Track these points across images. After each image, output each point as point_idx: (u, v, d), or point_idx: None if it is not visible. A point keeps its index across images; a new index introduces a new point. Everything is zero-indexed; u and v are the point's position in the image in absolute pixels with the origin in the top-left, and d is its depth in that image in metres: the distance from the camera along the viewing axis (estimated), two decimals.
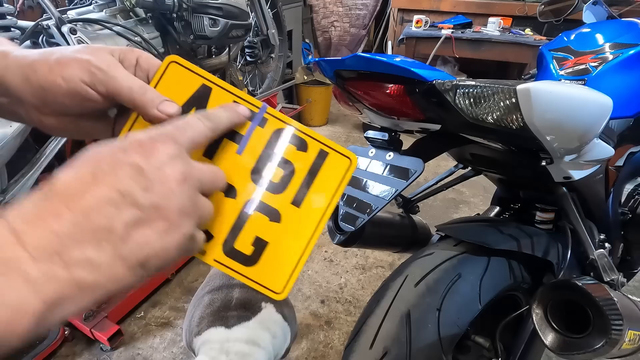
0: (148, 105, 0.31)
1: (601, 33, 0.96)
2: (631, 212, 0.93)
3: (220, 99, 0.34)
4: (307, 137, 0.35)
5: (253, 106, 0.34)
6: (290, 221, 0.35)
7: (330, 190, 0.35)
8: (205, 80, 0.34)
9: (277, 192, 0.34)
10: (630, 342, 0.52)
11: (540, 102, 0.50)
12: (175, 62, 0.34)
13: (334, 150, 0.35)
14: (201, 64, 1.74)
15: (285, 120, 0.35)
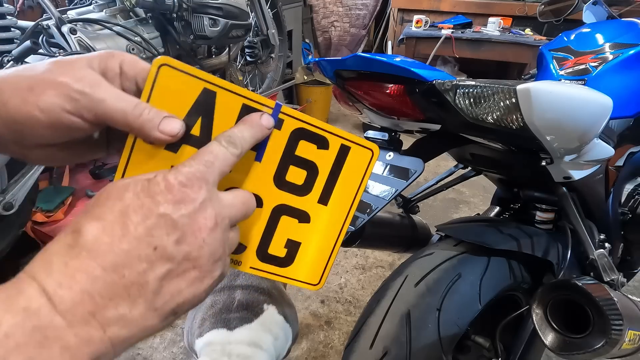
0: (147, 128, 0.26)
1: (601, 33, 0.96)
2: (631, 212, 0.93)
3: (228, 103, 0.30)
4: (326, 134, 0.33)
5: (266, 107, 0.31)
6: (319, 219, 0.35)
7: (355, 183, 0.35)
8: (207, 83, 0.29)
9: (303, 194, 0.34)
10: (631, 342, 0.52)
11: (540, 102, 0.50)
12: (166, 64, 0.27)
13: (355, 143, 0.34)
14: (201, 64, 1.74)
15: (302, 119, 0.32)
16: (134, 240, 0.22)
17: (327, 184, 0.34)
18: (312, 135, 0.32)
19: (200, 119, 0.29)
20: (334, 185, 0.34)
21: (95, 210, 0.23)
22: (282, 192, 0.33)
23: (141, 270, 0.22)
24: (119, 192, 0.24)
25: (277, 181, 0.33)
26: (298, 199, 0.34)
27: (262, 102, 0.31)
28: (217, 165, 0.27)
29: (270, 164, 0.32)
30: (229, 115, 0.30)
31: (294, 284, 0.36)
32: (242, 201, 0.29)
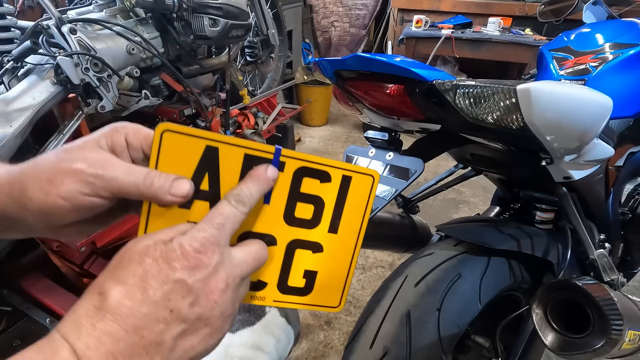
0: (159, 194, 0.29)
1: (601, 33, 0.96)
2: (631, 212, 0.93)
3: (231, 156, 0.31)
4: (327, 168, 0.35)
5: (267, 153, 0.32)
6: (332, 247, 0.37)
7: (361, 209, 0.37)
8: (208, 141, 0.30)
9: (313, 227, 0.36)
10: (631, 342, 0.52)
11: (540, 102, 0.50)
12: (168, 130, 0.29)
13: (355, 172, 0.36)
14: (201, 63, 1.74)
15: (302, 158, 0.34)
16: (152, 304, 0.25)
17: (334, 214, 0.36)
18: (313, 171, 0.34)
19: (207, 175, 0.31)
20: (341, 214, 0.36)
21: (118, 272, 0.26)
22: (293, 228, 0.35)
23: (158, 331, 0.25)
24: (140, 256, 0.26)
25: (287, 219, 0.35)
26: (309, 231, 0.36)
27: (263, 149, 0.32)
28: (228, 226, 0.29)
29: (279, 204, 0.34)
30: (233, 167, 0.32)
31: (317, 309, 0.38)
32: (254, 256, 0.31)
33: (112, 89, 1.32)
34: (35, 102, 1.18)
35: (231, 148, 0.31)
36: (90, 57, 1.22)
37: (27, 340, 1.28)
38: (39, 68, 1.23)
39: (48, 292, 1.41)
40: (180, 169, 0.30)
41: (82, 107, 1.30)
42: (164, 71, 1.58)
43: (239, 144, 0.32)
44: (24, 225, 0.30)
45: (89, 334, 0.24)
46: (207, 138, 0.31)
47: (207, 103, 1.75)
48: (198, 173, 0.31)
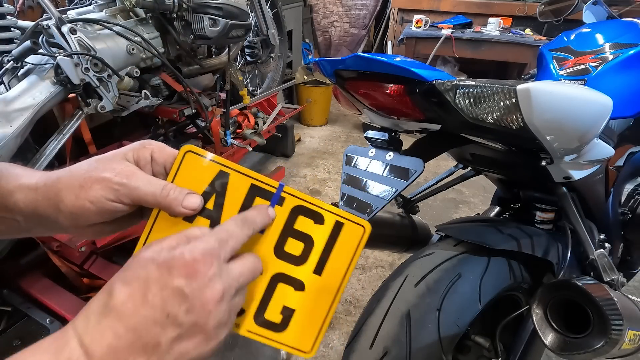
0: (173, 205, 0.33)
1: (601, 33, 0.96)
2: (631, 212, 0.93)
3: (239, 183, 0.36)
4: (323, 211, 0.37)
5: (271, 187, 0.36)
6: (314, 288, 0.38)
7: (348, 257, 0.38)
8: (222, 166, 0.35)
9: (300, 264, 0.37)
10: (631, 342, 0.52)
11: (540, 102, 0.50)
12: (191, 151, 0.35)
13: (348, 220, 0.38)
14: (201, 63, 1.74)
15: (301, 197, 0.37)
16: (151, 307, 0.27)
17: (322, 256, 0.38)
18: (309, 211, 0.37)
19: (214, 196, 0.35)
20: (328, 257, 0.38)
21: (127, 274, 0.29)
22: (281, 262, 0.37)
23: (155, 333, 0.27)
24: (146, 261, 0.29)
25: (277, 251, 0.37)
26: (295, 268, 0.37)
27: (268, 182, 0.36)
28: (231, 244, 0.31)
29: (272, 236, 0.37)
30: (238, 193, 0.36)
31: (287, 350, 0.37)
32: (250, 268, 0.33)
33: (112, 89, 1.32)
34: (35, 102, 1.18)
35: (240, 176, 0.36)
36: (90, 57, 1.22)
37: (27, 340, 1.27)
38: (39, 68, 1.23)
39: (48, 292, 1.41)
40: (193, 186, 0.35)
41: (82, 107, 1.30)
42: (164, 71, 1.58)
43: (248, 174, 0.36)
44: (54, 223, 0.35)
45: (95, 328, 0.27)
46: (222, 164, 0.35)
47: (207, 103, 1.75)
48: (207, 193, 0.35)
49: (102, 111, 1.32)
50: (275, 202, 0.36)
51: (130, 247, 1.58)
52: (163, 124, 1.92)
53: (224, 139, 1.88)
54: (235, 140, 1.97)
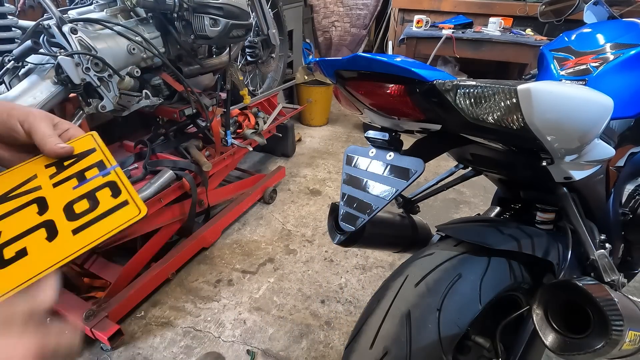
0: (49, 143, 0.43)
1: (602, 33, 0.96)
2: (632, 213, 0.92)
3: (94, 156, 0.47)
4: (123, 188, 0.44)
5: (108, 162, 0.46)
6: (59, 243, 0.40)
7: (108, 229, 0.42)
8: (97, 146, 0.47)
9: (71, 220, 0.42)
10: (631, 342, 0.52)
11: (541, 102, 0.50)
12: (92, 134, 0.48)
13: (133, 201, 0.44)
14: (202, 63, 1.74)
15: (120, 177, 0.45)
16: None
17: (90, 221, 0.42)
18: (114, 185, 0.44)
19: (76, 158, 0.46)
20: (94, 223, 0.42)
21: None
22: (62, 214, 0.42)
23: None
24: None
25: (67, 206, 0.43)
26: (65, 221, 0.41)
27: (109, 158, 0.47)
28: None
29: (77, 193, 0.44)
30: (87, 161, 0.47)
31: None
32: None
33: (113, 89, 1.32)
34: (36, 102, 1.18)
35: (99, 153, 0.47)
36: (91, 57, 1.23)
37: None
38: (40, 68, 1.23)
39: None
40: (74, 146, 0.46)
41: (83, 106, 1.30)
42: (164, 71, 1.58)
43: (105, 153, 0.48)
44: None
45: None
46: (100, 146, 0.47)
47: (208, 103, 1.75)
48: (75, 155, 0.46)
49: (103, 111, 1.32)
50: (102, 173, 0.45)
51: (130, 247, 1.59)
52: (163, 124, 1.92)
53: (225, 138, 1.88)
54: (236, 140, 1.97)
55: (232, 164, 2.04)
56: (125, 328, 1.44)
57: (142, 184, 1.52)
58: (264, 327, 1.47)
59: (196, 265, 1.78)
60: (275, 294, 1.63)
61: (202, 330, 1.46)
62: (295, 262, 1.81)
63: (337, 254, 1.86)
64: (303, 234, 2.01)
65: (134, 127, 2.06)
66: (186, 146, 1.79)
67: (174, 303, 1.58)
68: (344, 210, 0.71)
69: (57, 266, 0.40)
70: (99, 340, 1.33)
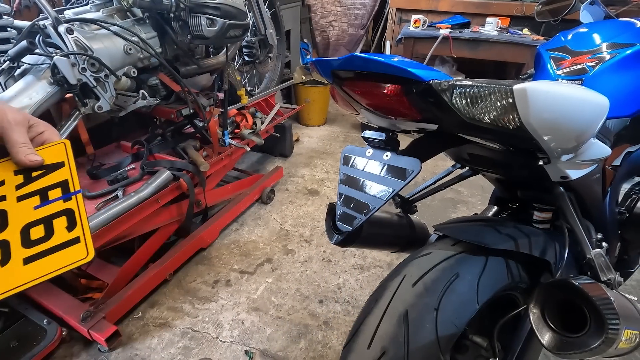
0: (20, 152, 0.44)
1: (598, 33, 0.96)
2: (628, 212, 0.93)
3: (62, 173, 0.48)
4: (79, 221, 0.46)
5: (72, 185, 0.48)
6: (9, 271, 0.42)
7: (54, 267, 0.43)
8: (66, 160, 0.49)
9: (25, 246, 0.43)
10: (627, 341, 0.52)
11: (537, 102, 0.50)
12: (63, 143, 0.50)
13: (84, 240, 0.45)
14: (199, 64, 1.73)
15: (80, 210, 0.47)
16: None
17: (43, 252, 0.43)
18: (73, 217, 0.46)
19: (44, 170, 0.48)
20: (45, 255, 0.43)
21: None
22: (18, 235, 0.43)
23: None
24: None
25: (24, 229, 0.44)
26: (19, 247, 0.43)
27: (75, 182, 0.48)
28: None
29: (36, 215, 0.45)
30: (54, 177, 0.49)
31: None
32: None
33: (110, 89, 1.32)
34: (32, 102, 1.17)
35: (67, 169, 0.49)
36: (87, 57, 1.22)
37: (24, 341, 1.27)
38: (36, 68, 1.23)
39: (45, 293, 1.41)
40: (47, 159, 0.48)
41: (79, 107, 1.30)
42: (161, 71, 1.58)
43: (73, 174, 0.50)
44: None
45: None
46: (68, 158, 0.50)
47: (205, 103, 1.74)
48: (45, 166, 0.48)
49: (100, 111, 1.32)
50: (63, 197, 0.46)
51: (128, 247, 1.58)
52: (161, 124, 1.92)
53: (222, 139, 1.87)
54: (233, 140, 1.97)
55: (230, 164, 2.04)
56: (122, 329, 1.43)
57: (139, 185, 1.52)
58: (262, 327, 1.47)
59: (194, 266, 1.78)
60: (273, 294, 1.62)
61: (200, 331, 1.45)
62: (293, 262, 1.81)
63: (335, 254, 1.86)
64: (301, 234, 2.01)
65: (131, 127, 2.05)
66: (184, 146, 1.79)
67: (171, 304, 1.57)
68: (342, 211, 0.71)
69: (4, 295, 0.41)
70: (96, 342, 1.33)
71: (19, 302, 1.40)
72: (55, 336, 1.29)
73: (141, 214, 1.46)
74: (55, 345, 1.29)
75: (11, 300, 1.40)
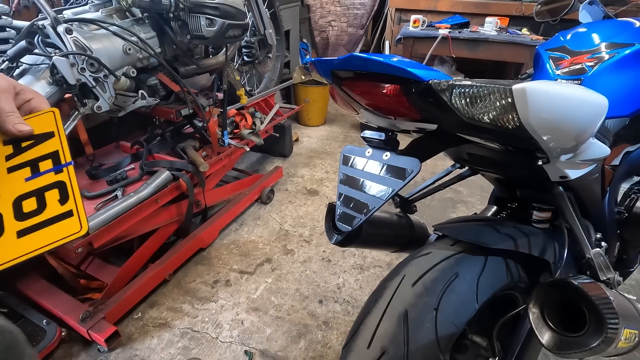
0: (7, 122, 0.43)
1: (597, 33, 0.96)
2: (627, 211, 0.93)
3: (52, 143, 0.47)
4: (71, 194, 0.45)
5: (63, 156, 0.47)
6: (3, 243, 0.42)
7: (49, 240, 0.43)
8: (56, 129, 0.47)
9: (18, 219, 0.43)
10: (626, 340, 0.52)
11: (536, 101, 0.50)
12: (52, 112, 0.48)
13: (78, 215, 0.45)
14: (198, 64, 1.73)
15: (71, 178, 0.46)
16: None
17: (36, 225, 0.43)
18: (65, 189, 0.46)
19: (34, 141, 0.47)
20: (38, 229, 0.43)
21: None
22: (10, 208, 0.43)
23: None
24: None
25: (16, 201, 0.44)
26: (12, 219, 0.43)
27: (66, 154, 0.48)
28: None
29: (28, 186, 0.44)
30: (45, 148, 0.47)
31: None
32: None
33: (109, 89, 1.31)
34: None
35: (57, 140, 0.48)
36: (86, 57, 1.22)
37: None
38: (35, 68, 1.23)
39: (44, 294, 1.41)
40: (36, 127, 0.47)
41: (79, 107, 1.30)
42: (160, 71, 1.58)
43: (63, 144, 0.48)
44: None
45: None
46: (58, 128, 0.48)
47: (205, 103, 1.74)
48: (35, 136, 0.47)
49: (99, 111, 1.31)
50: (55, 169, 0.45)
51: (127, 248, 1.58)
52: (160, 124, 1.92)
53: (222, 139, 1.87)
54: (233, 140, 1.97)
55: (229, 165, 2.04)
56: (122, 329, 1.43)
57: (138, 185, 1.52)
58: (261, 327, 1.47)
59: (193, 266, 1.78)
60: (273, 294, 1.62)
61: (199, 331, 1.45)
62: (293, 262, 1.81)
63: (335, 254, 1.86)
64: (301, 234, 2.01)
65: (131, 127, 2.05)
66: (183, 147, 1.79)
67: (171, 304, 1.57)
68: (341, 210, 0.71)
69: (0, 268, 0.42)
70: (95, 342, 1.33)
71: (18, 302, 1.40)
72: (55, 336, 1.29)
73: (140, 214, 1.46)
74: (54, 345, 1.29)
75: (10, 301, 1.40)
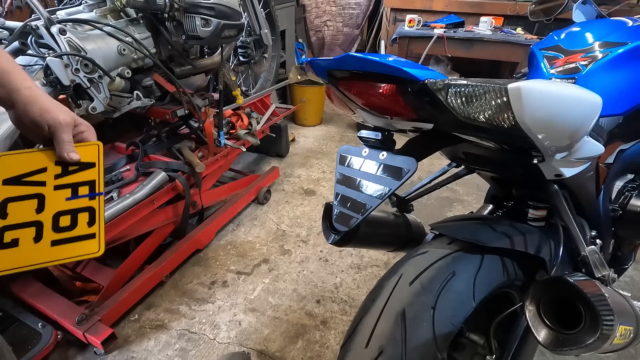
0: (65, 147, 0.53)
1: (591, 32, 0.97)
2: (621, 209, 0.94)
3: (91, 172, 0.55)
4: (97, 219, 0.53)
5: (98, 186, 0.55)
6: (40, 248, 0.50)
7: (71, 254, 0.51)
8: (97, 161, 0.57)
9: (55, 230, 0.50)
10: (622, 337, 0.53)
11: (531, 100, 0.51)
12: (97, 145, 0.58)
13: (98, 236, 0.53)
14: (193, 64, 1.73)
15: (100, 206, 0.54)
16: None
17: (64, 239, 0.51)
18: (93, 214, 0.54)
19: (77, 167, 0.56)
20: (66, 242, 0.51)
21: None
22: (49, 216, 0.50)
23: None
24: None
25: (55, 216, 0.51)
26: (49, 230, 0.50)
27: (101, 184, 0.56)
28: None
29: (70, 205, 0.53)
30: (85, 175, 0.56)
31: None
32: None
33: (103, 90, 1.31)
34: None
35: (95, 170, 0.57)
36: (80, 58, 1.21)
37: (19, 345, 1.26)
38: (28, 69, 1.22)
39: (40, 296, 1.39)
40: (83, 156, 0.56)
41: (73, 108, 1.29)
42: (156, 72, 1.57)
43: (100, 173, 0.57)
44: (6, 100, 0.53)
45: None
46: (99, 159, 0.58)
47: (200, 104, 1.74)
48: (81, 165, 0.56)
49: (93, 112, 1.31)
50: (90, 195, 0.53)
51: (123, 249, 1.57)
52: (155, 125, 1.91)
53: (218, 139, 1.87)
54: (229, 140, 1.96)
55: (226, 165, 2.03)
56: (118, 332, 1.43)
57: (134, 186, 1.51)
58: (259, 328, 1.47)
59: (190, 267, 1.77)
60: (270, 295, 1.62)
61: (197, 332, 1.45)
62: (290, 263, 1.81)
63: (332, 254, 1.86)
64: (298, 234, 2.01)
65: (126, 128, 2.03)
66: (179, 147, 1.78)
67: (168, 305, 1.57)
68: (338, 210, 0.71)
69: (32, 268, 0.48)
70: (92, 345, 1.32)
71: (13, 305, 1.38)
72: (50, 340, 1.28)
73: (136, 215, 1.46)
74: (50, 349, 1.28)
75: (5, 304, 1.39)
